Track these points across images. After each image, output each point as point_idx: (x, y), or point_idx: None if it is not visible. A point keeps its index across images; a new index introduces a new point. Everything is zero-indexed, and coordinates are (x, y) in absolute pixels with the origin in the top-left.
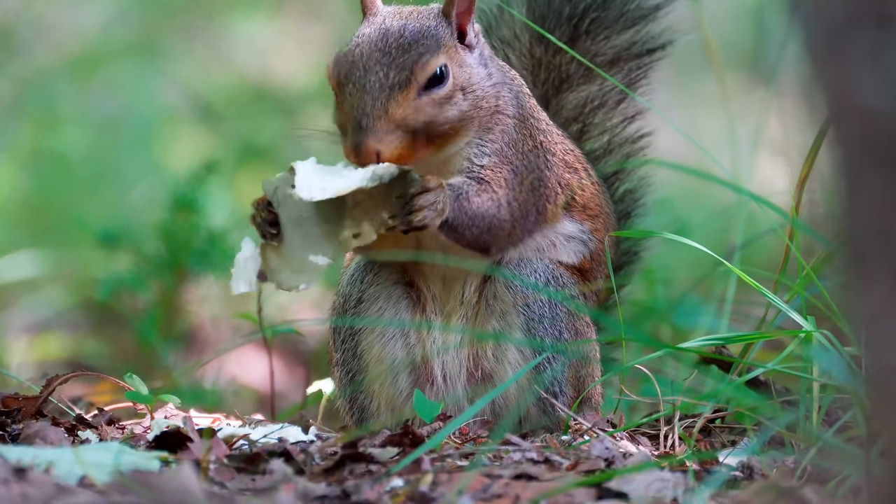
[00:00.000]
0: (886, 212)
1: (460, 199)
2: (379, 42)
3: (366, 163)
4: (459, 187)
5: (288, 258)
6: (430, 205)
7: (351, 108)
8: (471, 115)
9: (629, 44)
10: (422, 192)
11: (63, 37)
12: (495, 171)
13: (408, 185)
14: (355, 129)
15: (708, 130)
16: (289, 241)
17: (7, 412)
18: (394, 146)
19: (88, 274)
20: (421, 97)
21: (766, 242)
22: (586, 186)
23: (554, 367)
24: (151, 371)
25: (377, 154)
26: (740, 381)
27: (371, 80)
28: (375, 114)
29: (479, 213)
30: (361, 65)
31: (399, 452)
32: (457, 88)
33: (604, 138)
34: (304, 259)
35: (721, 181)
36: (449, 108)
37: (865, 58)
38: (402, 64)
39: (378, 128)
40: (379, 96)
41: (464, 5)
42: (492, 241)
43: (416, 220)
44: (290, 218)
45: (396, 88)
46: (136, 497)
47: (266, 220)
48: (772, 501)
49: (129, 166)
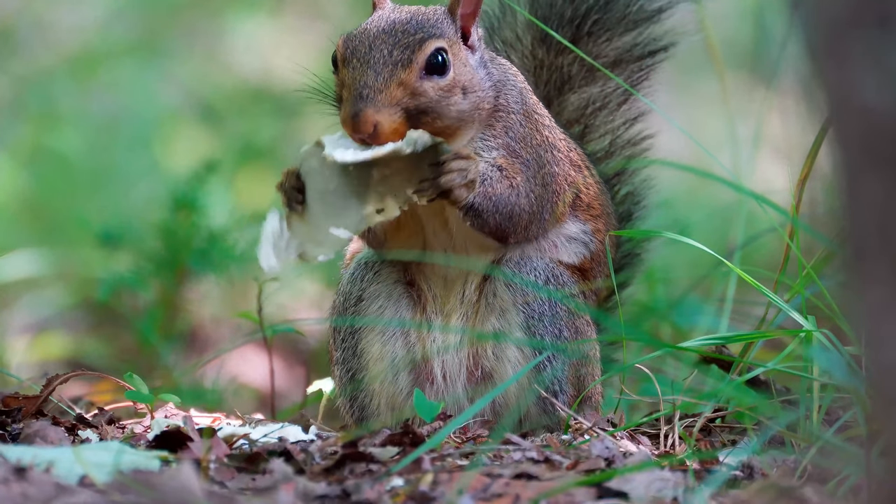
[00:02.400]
0: (886, 211)
1: (485, 184)
2: (386, 26)
3: (362, 132)
4: (485, 172)
5: (310, 229)
6: (460, 170)
7: (353, 80)
8: (471, 117)
9: (631, 46)
10: (454, 158)
11: (63, 36)
12: (508, 162)
13: (439, 155)
14: (355, 98)
15: (709, 130)
16: (313, 212)
17: (7, 411)
18: (392, 119)
19: (89, 273)
20: (423, 80)
21: (766, 242)
22: (590, 185)
23: (554, 365)
24: (152, 370)
25: (374, 125)
26: (741, 381)
27: (375, 57)
28: (377, 86)
29: (503, 200)
30: (368, 43)
31: (399, 452)
32: (458, 85)
33: (605, 140)
34: (325, 231)
35: (721, 180)
36: (449, 102)
37: (866, 57)
38: (406, 44)
39: (378, 100)
40: (382, 71)
41: (469, 7)
42: (511, 230)
43: (443, 182)
44: (315, 189)
45: (399, 65)
46: (137, 496)
47: (294, 186)
48: (772, 501)
49: (129, 166)
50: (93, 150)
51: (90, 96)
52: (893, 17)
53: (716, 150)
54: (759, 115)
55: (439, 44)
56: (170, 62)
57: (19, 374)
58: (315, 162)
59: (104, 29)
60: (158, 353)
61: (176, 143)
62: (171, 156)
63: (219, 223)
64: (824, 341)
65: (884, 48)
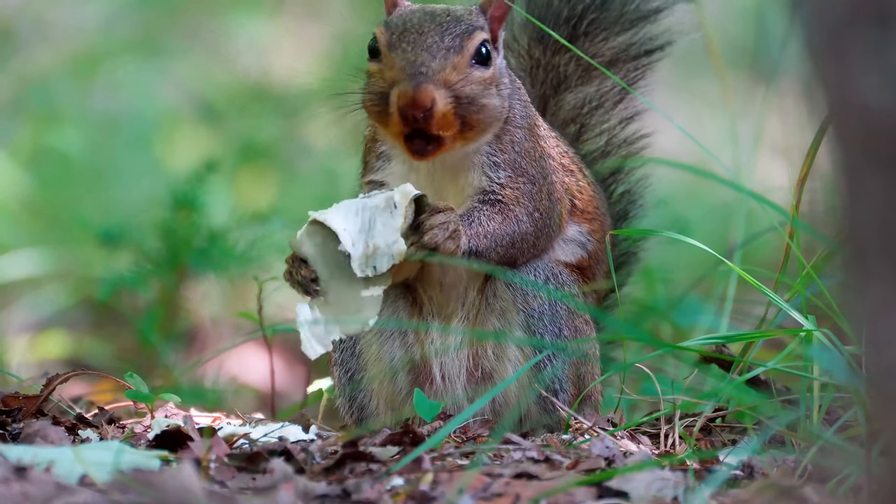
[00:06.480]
0: (887, 210)
1: (474, 226)
2: (428, 14)
3: (421, 106)
4: (470, 215)
5: (341, 303)
6: (441, 224)
7: (406, 62)
8: (501, 116)
9: (627, 45)
10: (431, 214)
11: (63, 35)
12: (514, 185)
13: (421, 210)
14: (413, 75)
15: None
16: (334, 288)
17: (8, 411)
18: (446, 102)
19: (89, 273)
20: (472, 68)
21: (766, 241)
22: (584, 189)
23: (554, 364)
24: (152, 370)
25: (432, 102)
26: (741, 380)
27: (428, 42)
28: (435, 67)
29: (499, 233)
30: (415, 29)
31: (399, 451)
32: (495, 81)
33: (602, 139)
34: (358, 298)
35: (720, 179)
36: (489, 94)
37: (866, 56)
38: (455, 32)
39: (437, 78)
40: (437, 54)
41: (499, 11)
42: (518, 255)
43: (427, 241)
44: (325, 267)
45: (452, 52)
46: (137, 496)
47: (307, 278)
48: (772, 500)
49: (129, 165)
50: (93, 149)
51: (90, 96)
52: (893, 17)
53: (716, 149)
54: (759, 115)
55: (485, 36)
56: (170, 62)
57: (19, 373)
58: (312, 244)
59: (104, 28)
60: (158, 352)
61: (176, 143)
62: (171, 155)
63: (219, 223)
64: (824, 341)
65: (884, 47)
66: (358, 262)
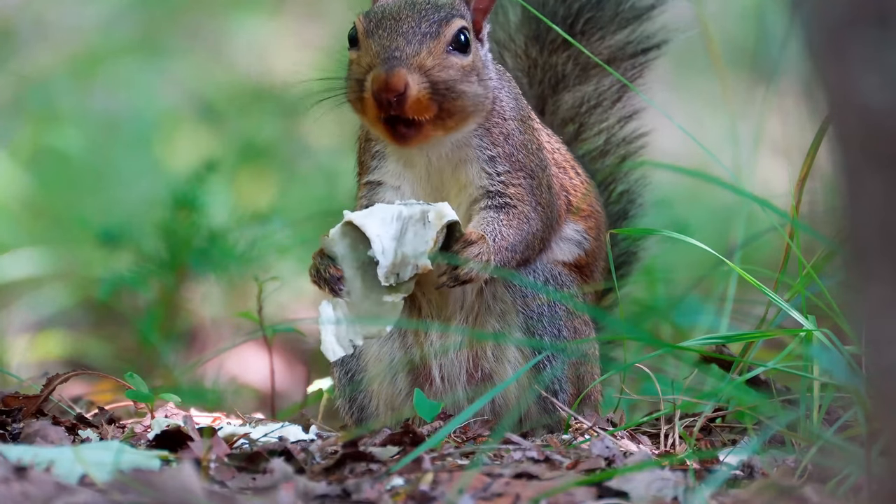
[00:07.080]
0: (887, 210)
1: (497, 241)
2: (408, 3)
3: (393, 90)
4: (491, 230)
5: (363, 305)
6: (475, 256)
7: (381, 47)
8: (483, 105)
9: (624, 43)
10: (466, 246)
11: (63, 35)
12: (516, 181)
13: (452, 239)
14: (386, 59)
15: (708, 129)
16: (357, 290)
17: (8, 411)
18: (420, 87)
19: (89, 273)
20: (449, 54)
21: (766, 241)
22: (577, 186)
23: (554, 364)
24: (152, 370)
25: (405, 86)
26: (741, 380)
27: (404, 28)
28: (409, 51)
29: (517, 240)
30: (393, 15)
31: (399, 451)
32: (475, 69)
33: (601, 138)
34: (380, 301)
35: (718, 181)
36: (467, 82)
37: (866, 56)
38: (433, 19)
39: (411, 62)
40: (412, 40)
41: (483, 3)
42: (531, 254)
43: (462, 274)
44: (352, 268)
45: (428, 37)
46: (137, 496)
47: (335, 276)
48: (772, 500)
49: (129, 165)
50: (93, 149)
51: (90, 96)
52: (893, 17)
53: (716, 149)
54: (760, 115)
55: (463, 23)
56: (170, 62)
57: (19, 373)
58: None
59: (104, 28)
60: (158, 352)
61: (176, 143)
62: (171, 155)
63: (219, 223)
64: (824, 341)
65: (884, 47)
66: (385, 271)
